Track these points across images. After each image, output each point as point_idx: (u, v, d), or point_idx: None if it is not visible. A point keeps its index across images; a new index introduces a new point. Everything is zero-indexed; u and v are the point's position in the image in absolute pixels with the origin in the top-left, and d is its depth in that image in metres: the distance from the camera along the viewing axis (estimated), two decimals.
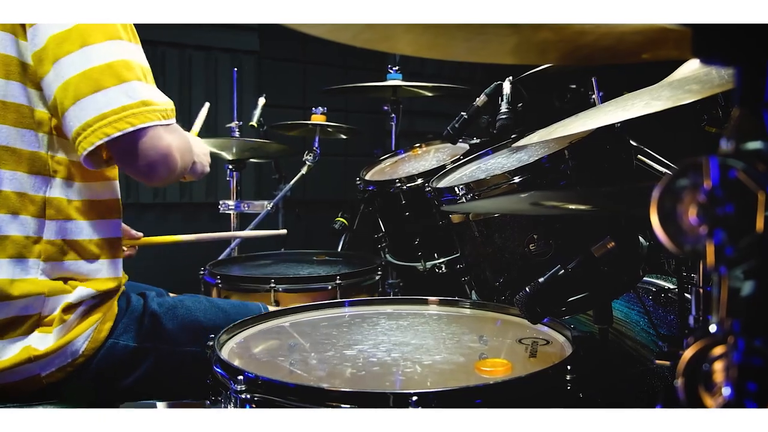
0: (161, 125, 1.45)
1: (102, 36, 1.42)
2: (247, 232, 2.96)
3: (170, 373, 1.66)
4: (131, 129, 1.41)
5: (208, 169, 1.81)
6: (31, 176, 1.48)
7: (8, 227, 1.46)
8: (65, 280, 1.54)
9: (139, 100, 1.43)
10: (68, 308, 1.52)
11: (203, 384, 1.29)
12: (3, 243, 1.46)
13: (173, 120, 1.51)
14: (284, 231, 2.67)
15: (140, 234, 2.13)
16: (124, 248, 2.06)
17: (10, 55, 1.44)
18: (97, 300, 1.58)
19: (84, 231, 1.56)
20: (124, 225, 2.14)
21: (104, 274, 1.59)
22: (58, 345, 1.49)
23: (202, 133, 2.35)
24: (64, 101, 1.41)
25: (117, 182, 1.66)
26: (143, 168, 1.46)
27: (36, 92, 1.46)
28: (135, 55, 1.48)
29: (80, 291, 1.54)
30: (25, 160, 1.47)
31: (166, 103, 1.49)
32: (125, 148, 1.44)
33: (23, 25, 1.44)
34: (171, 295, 2.05)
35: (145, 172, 1.47)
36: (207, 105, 2.72)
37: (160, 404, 2.06)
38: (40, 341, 1.49)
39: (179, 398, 1.85)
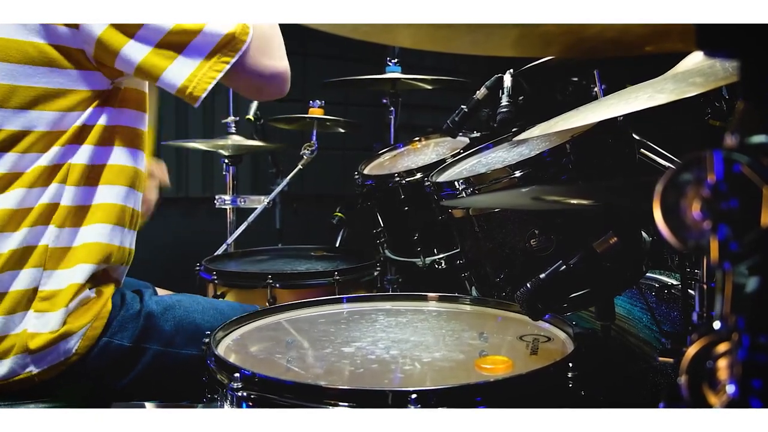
0: (247, 51, 1.54)
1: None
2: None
3: (166, 375, 1.64)
4: (238, 54, 1.52)
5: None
6: (60, 148, 1.51)
7: (30, 198, 1.49)
8: (78, 251, 1.55)
9: (219, 39, 1.51)
10: (70, 291, 1.52)
11: (199, 387, 1.29)
12: (25, 214, 1.48)
13: (251, 36, 1.56)
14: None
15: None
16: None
17: (43, 43, 1.47)
18: (97, 283, 1.58)
19: (102, 196, 1.58)
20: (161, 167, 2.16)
21: (117, 242, 1.61)
22: (52, 338, 1.49)
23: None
24: (164, 57, 1.49)
25: (144, 154, 1.69)
26: (261, 87, 1.64)
27: (78, 72, 1.51)
28: None
29: (81, 268, 1.54)
30: (56, 138, 1.51)
31: (235, 27, 1.56)
32: (239, 74, 1.55)
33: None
34: (158, 290, 2.05)
35: (267, 90, 1.65)
36: None
37: (149, 405, 2.05)
38: (37, 322, 1.49)
39: (175, 401, 1.86)
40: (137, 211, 1.69)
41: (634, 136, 1.64)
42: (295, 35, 4.77)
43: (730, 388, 0.54)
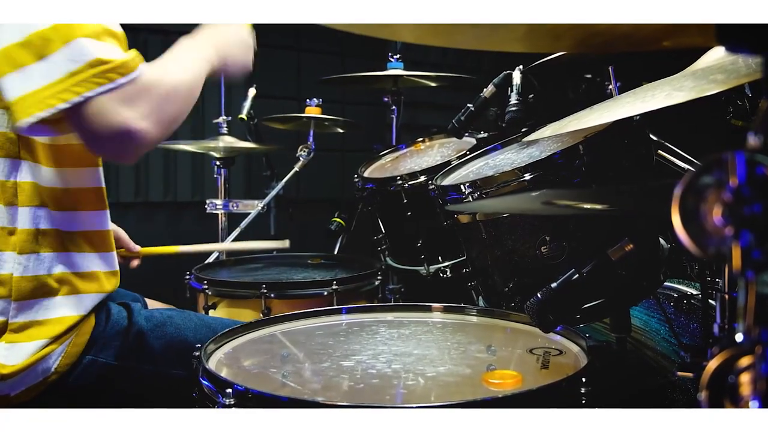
0: (111, 90, 1.31)
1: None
2: (249, 244, 2.90)
3: (153, 397, 1.63)
4: (69, 103, 1.29)
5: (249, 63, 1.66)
6: (1, 160, 1.45)
7: None
8: (50, 280, 1.52)
9: (86, 62, 1.29)
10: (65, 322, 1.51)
11: (189, 406, 1.28)
12: None
13: (134, 74, 1.34)
14: (287, 242, 2.62)
15: (138, 247, 2.15)
16: (121, 258, 2.07)
17: None
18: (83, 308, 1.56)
19: (61, 221, 1.54)
20: (124, 236, 2.14)
21: (93, 268, 1.59)
22: (28, 362, 1.47)
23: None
24: (2, 68, 1.31)
25: (100, 169, 1.64)
26: (101, 145, 1.39)
27: None
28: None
29: (83, 298, 1.55)
30: None
31: (121, 59, 1.33)
32: (75, 124, 1.34)
33: None
34: (147, 301, 2.04)
35: (109, 149, 1.40)
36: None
37: None
38: (8, 353, 1.46)
39: None
40: None
41: (651, 136, 1.64)
42: (288, 29, 4.76)
43: (753, 404, 0.54)
